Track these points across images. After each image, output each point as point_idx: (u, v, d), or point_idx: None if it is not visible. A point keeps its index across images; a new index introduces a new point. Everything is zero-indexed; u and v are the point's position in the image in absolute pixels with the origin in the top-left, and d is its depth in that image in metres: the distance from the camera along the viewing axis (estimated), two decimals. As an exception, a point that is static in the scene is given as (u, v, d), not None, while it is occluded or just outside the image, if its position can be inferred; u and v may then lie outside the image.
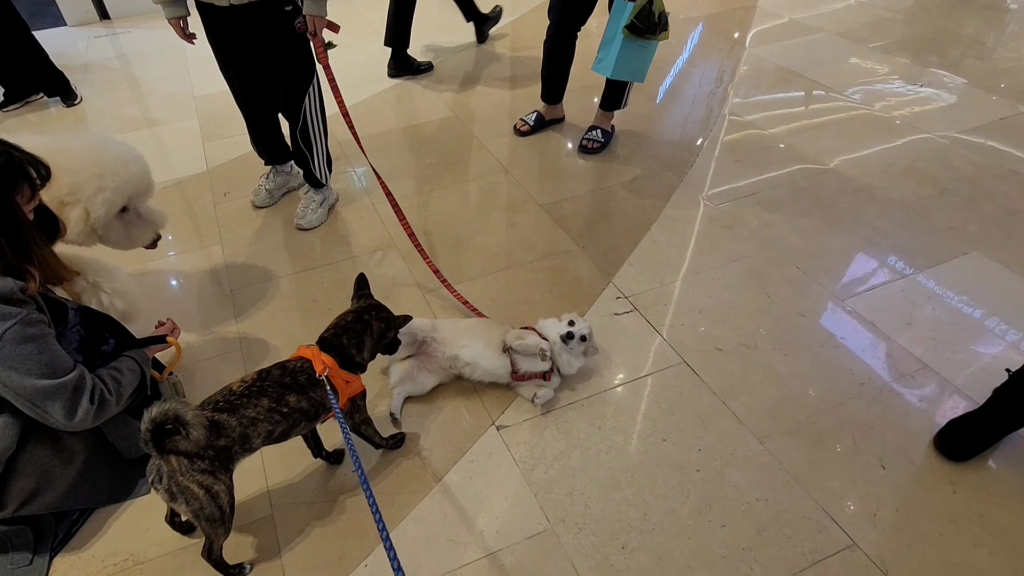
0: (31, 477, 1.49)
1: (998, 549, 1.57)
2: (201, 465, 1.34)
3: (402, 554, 1.59)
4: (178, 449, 1.31)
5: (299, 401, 1.49)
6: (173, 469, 1.32)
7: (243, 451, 1.43)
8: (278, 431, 1.48)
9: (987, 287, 2.31)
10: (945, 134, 3.22)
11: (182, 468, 1.32)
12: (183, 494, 1.34)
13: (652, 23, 2.52)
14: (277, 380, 1.48)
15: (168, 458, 1.32)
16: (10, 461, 1.46)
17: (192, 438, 1.28)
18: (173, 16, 2.16)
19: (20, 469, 1.47)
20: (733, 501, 1.69)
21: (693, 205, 2.78)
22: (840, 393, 1.96)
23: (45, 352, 1.35)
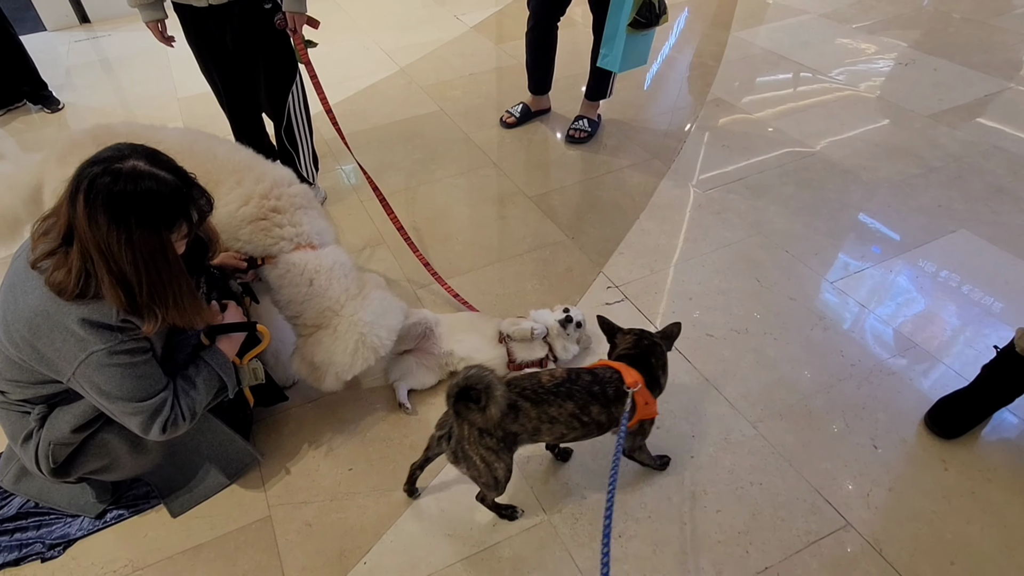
0: (101, 459, 1.53)
1: (990, 524, 1.58)
2: (488, 442, 1.37)
3: (400, 550, 1.61)
4: (470, 419, 1.35)
5: (600, 414, 1.45)
6: (463, 436, 1.37)
7: (529, 441, 1.45)
8: (569, 436, 1.47)
9: (975, 265, 2.32)
10: (930, 112, 3.22)
11: (471, 438, 1.37)
12: (465, 460, 1.40)
13: (654, 15, 2.52)
14: (586, 387, 1.44)
15: (462, 423, 1.37)
16: (85, 442, 1.48)
17: (487, 414, 1.30)
18: (151, 19, 2.13)
19: (91, 451, 1.50)
20: (728, 486, 1.69)
21: (681, 192, 2.78)
22: (831, 375, 1.96)
23: (129, 378, 1.32)
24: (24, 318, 1.26)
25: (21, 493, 1.73)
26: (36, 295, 1.25)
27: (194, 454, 1.68)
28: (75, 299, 1.24)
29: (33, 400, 1.41)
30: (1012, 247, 2.37)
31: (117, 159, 1.19)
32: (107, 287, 1.23)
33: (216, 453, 1.71)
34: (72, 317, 1.24)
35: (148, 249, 1.21)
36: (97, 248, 1.19)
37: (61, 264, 1.23)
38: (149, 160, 1.22)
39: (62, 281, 1.22)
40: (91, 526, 1.68)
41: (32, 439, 1.44)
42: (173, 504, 1.70)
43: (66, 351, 1.27)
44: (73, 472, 1.51)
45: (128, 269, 1.21)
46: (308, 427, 1.91)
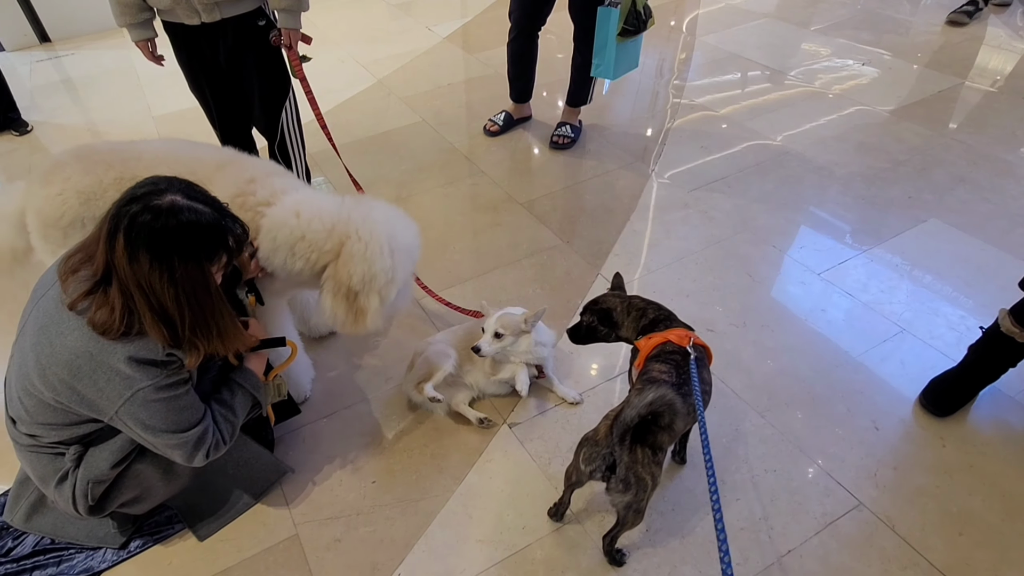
0: (135, 489, 1.47)
1: (990, 495, 1.66)
2: (660, 457, 1.34)
3: (433, 558, 1.60)
4: (655, 441, 1.31)
5: (709, 375, 1.52)
6: (636, 460, 1.30)
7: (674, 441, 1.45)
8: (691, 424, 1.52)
9: (948, 251, 2.42)
10: (890, 109, 3.35)
11: (645, 460, 1.31)
12: (637, 484, 1.32)
13: (641, 21, 2.56)
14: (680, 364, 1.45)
15: (635, 448, 1.30)
16: (119, 475, 1.42)
17: (676, 429, 1.32)
18: (141, 39, 2.07)
19: (126, 483, 1.45)
20: (744, 475, 1.73)
21: (668, 193, 2.83)
22: (828, 362, 2.03)
23: (173, 411, 1.29)
24: (63, 360, 1.21)
25: (34, 531, 1.66)
26: (75, 336, 1.21)
27: (219, 475, 1.64)
28: (120, 337, 1.20)
29: (67, 441, 1.36)
30: (980, 233, 2.49)
31: (155, 194, 1.16)
32: (149, 324, 1.19)
33: (242, 472, 1.67)
34: (118, 356, 1.20)
35: (191, 284, 1.19)
36: (138, 286, 1.16)
37: (102, 303, 1.19)
38: (185, 194, 1.19)
39: (106, 321, 1.18)
40: (115, 557, 1.63)
41: (68, 480, 1.38)
42: (200, 529, 1.66)
43: (110, 391, 1.22)
44: (108, 507, 1.46)
45: (171, 305, 1.18)
46: (325, 442, 1.88)
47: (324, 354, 2.15)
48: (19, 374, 1.31)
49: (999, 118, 3.23)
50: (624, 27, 2.54)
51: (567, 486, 1.54)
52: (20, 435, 1.38)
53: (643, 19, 2.58)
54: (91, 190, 1.64)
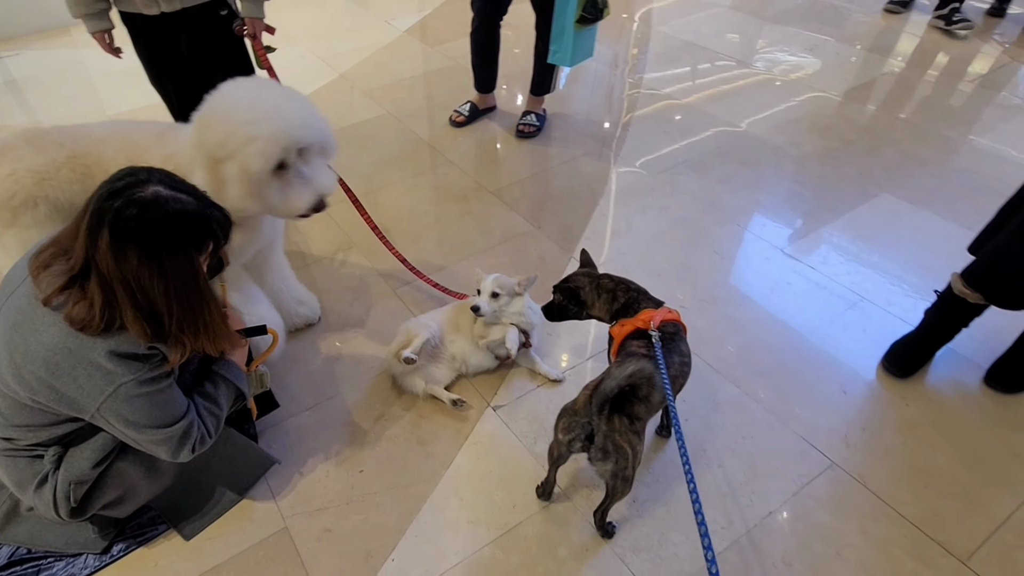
0: (117, 489, 1.41)
1: (952, 448, 1.73)
2: (637, 426, 1.35)
3: (426, 542, 1.58)
4: (632, 411, 1.34)
5: (685, 347, 1.54)
6: (613, 428, 1.32)
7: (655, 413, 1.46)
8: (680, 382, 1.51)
9: (899, 223, 2.51)
10: (839, 92, 3.45)
11: (622, 428, 1.33)
12: (616, 452, 1.33)
13: (597, 9, 2.56)
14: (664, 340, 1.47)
15: (612, 417, 1.32)
16: (101, 474, 1.36)
17: (653, 401, 1.35)
18: (97, 30, 1.97)
19: (108, 483, 1.38)
20: (723, 443, 1.77)
21: (634, 177, 2.85)
22: (795, 332, 2.08)
23: (157, 406, 1.24)
24: (40, 357, 1.15)
25: (9, 541, 1.58)
26: (52, 332, 1.15)
27: (203, 471, 1.59)
28: (100, 333, 1.14)
29: (46, 443, 1.30)
30: (927, 206, 2.59)
31: (135, 186, 1.10)
32: (130, 320, 1.14)
33: (227, 468, 1.62)
34: (99, 351, 1.15)
35: (180, 277, 1.14)
36: (123, 282, 1.10)
37: (79, 299, 1.13)
38: (167, 184, 1.14)
39: (84, 316, 1.13)
40: (97, 562, 1.56)
41: (48, 483, 1.32)
42: (185, 528, 1.60)
43: (90, 387, 1.17)
44: (91, 509, 1.39)
45: (159, 300, 1.14)
46: (309, 434, 1.84)
47: (302, 347, 2.10)
48: None
49: (940, 98, 3.36)
50: (582, 15, 2.54)
51: (551, 463, 1.54)
52: None
53: (600, 8, 2.58)
54: (44, 169, 1.57)
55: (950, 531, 1.55)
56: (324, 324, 2.18)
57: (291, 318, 2.08)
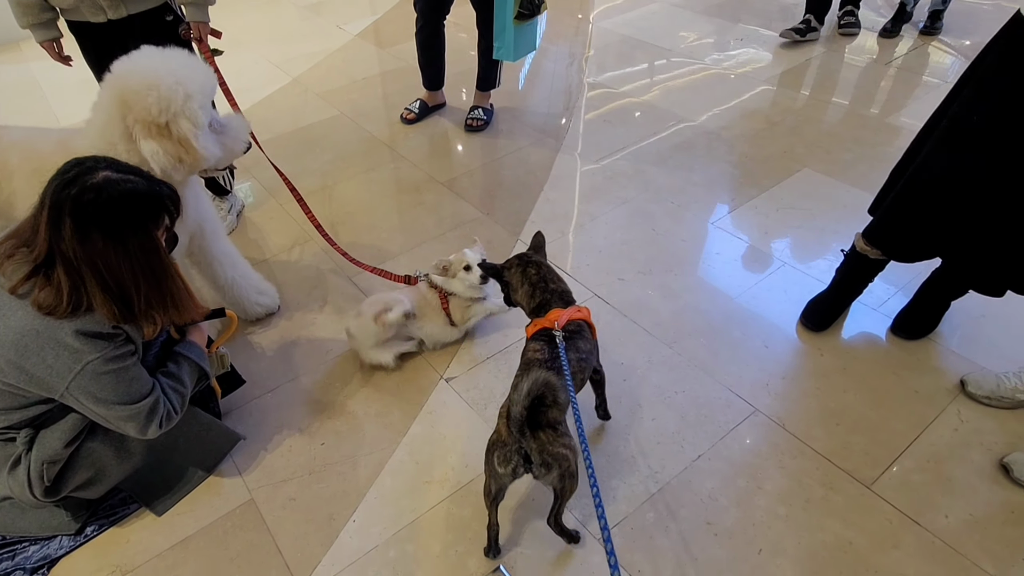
0: (89, 470, 1.47)
1: (860, 390, 1.89)
2: (562, 428, 1.35)
3: (385, 504, 1.67)
4: (549, 419, 1.32)
5: (586, 344, 1.54)
6: (543, 443, 1.31)
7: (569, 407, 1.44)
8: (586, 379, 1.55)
9: (818, 194, 2.68)
10: (765, 77, 3.62)
11: (551, 439, 1.32)
12: (557, 461, 1.32)
13: (535, 5, 2.67)
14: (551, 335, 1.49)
15: (537, 434, 1.31)
16: (72, 454, 1.42)
17: (561, 403, 1.30)
18: (45, 39, 2.01)
19: (80, 462, 1.44)
20: (657, 398, 1.89)
21: (576, 164, 2.97)
22: (724, 296, 2.22)
23: (123, 382, 1.31)
24: (9, 341, 1.21)
25: (-18, 529, 1.62)
26: (19, 316, 1.21)
27: (172, 452, 1.65)
28: (66, 316, 1.21)
29: (17, 425, 1.35)
30: (844, 178, 2.76)
31: (86, 173, 1.17)
32: (100, 303, 1.21)
33: (194, 447, 1.68)
34: (66, 331, 1.21)
35: (144, 254, 1.21)
36: (91, 266, 1.17)
37: (45, 285, 1.20)
38: (114, 168, 1.21)
39: (52, 302, 1.19)
40: (72, 543, 1.61)
41: (21, 463, 1.38)
42: (156, 506, 1.67)
43: (59, 366, 1.23)
44: (64, 489, 1.45)
45: (127, 278, 1.21)
46: (272, 414, 1.91)
47: (263, 334, 2.17)
48: None
49: (855, 79, 3.56)
50: (520, 11, 2.65)
51: (489, 503, 1.46)
52: None
53: (536, 3, 2.70)
54: None
55: (856, 461, 1.70)
56: (284, 312, 2.25)
57: (251, 308, 2.15)
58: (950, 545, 1.51)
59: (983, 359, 1.94)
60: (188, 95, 1.51)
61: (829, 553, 1.51)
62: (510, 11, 2.66)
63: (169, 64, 1.53)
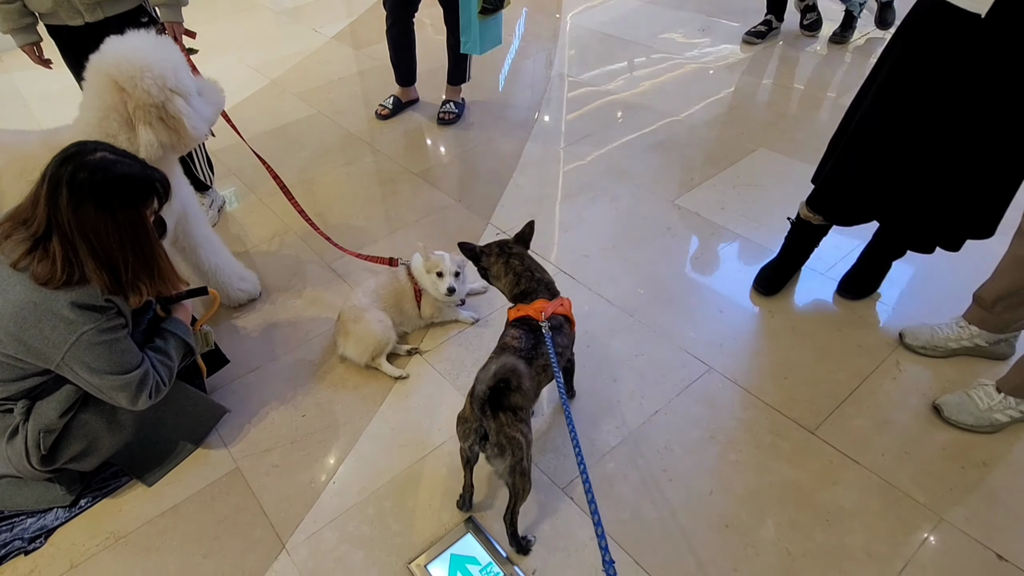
0: (82, 441, 1.54)
1: (806, 347, 2.00)
2: (522, 415, 1.37)
3: (364, 466, 1.76)
4: (511, 403, 1.34)
5: (563, 339, 1.56)
6: (502, 424, 1.34)
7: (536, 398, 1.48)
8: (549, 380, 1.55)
9: (772, 172, 2.80)
10: (726, 64, 3.75)
11: (509, 421, 1.34)
12: (511, 444, 1.34)
13: (497, 1, 2.77)
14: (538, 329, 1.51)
15: (498, 415, 1.33)
16: (67, 425, 1.49)
17: (526, 387, 1.32)
18: (25, 43, 2.08)
19: (74, 433, 1.52)
20: (619, 362, 1.99)
21: (544, 152, 3.08)
22: (681, 265, 2.34)
23: (116, 352, 1.39)
24: (9, 313, 1.29)
25: (-21, 506, 1.69)
26: (18, 290, 1.29)
27: (160, 426, 1.73)
28: (62, 287, 1.29)
29: (15, 396, 1.43)
30: (796, 155, 2.88)
31: (86, 153, 1.27)
32: (92, 271, 1.30)
33: (181, 421, 1.76)
34: (62, 302, 1.30)
35: (131, 228, 1.31)
36: (83, 235, 1.26)
37: (43, 258, 1.28)
38: (111, 150, 1.31)
39: (48, 272, 1.28)
40: (67, 514, 1.68)
41: (19, 433, 1.45)
42: (147, 478, 1.74)
43: (55, 337, 1.31)
44: (59, 458, 1.52)
45: (115, 249, 1.30)
46: (255, 391, 1.99)
47: (245, 318, 2.25)
48: None
49: (812, 65, 3.69)
50: (484, 5, 2.75)
51: (464, 465, 1.55)
52: None
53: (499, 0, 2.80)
54: None
55: (802, 410, 1.81)
56: (265, 298, 2.33)
57: (234, 293, 2.23)
58: (885, 480, 1.62)
59: (920, 314, 2.05)
60: (175, 68, 1.62)
61: (775, 491, 1.62)
62: (474, 7, 2.76)
63: (146, 45, 1.62)
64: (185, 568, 1.57)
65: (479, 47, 2.91)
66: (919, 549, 1.48)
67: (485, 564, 1.51)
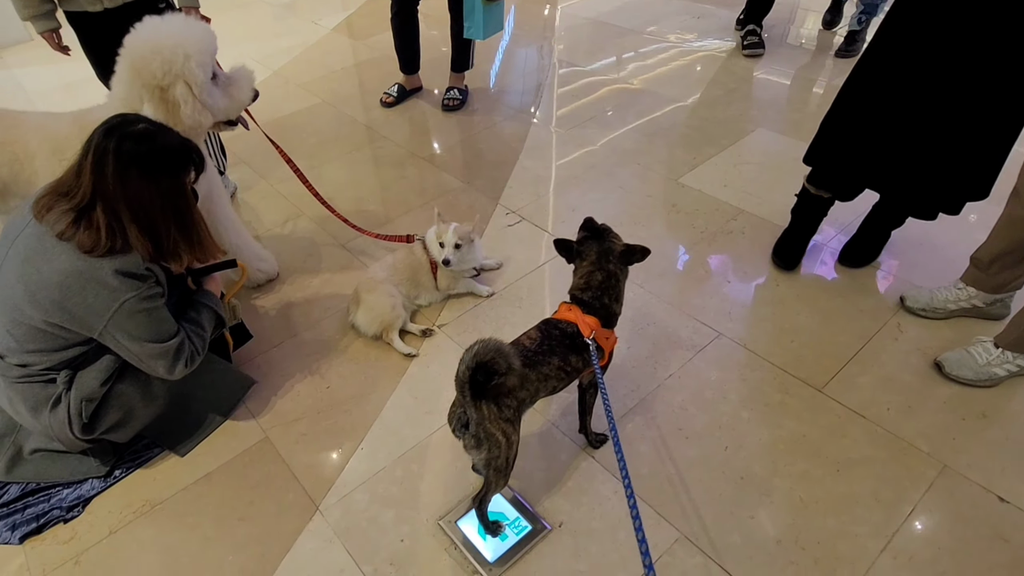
0: (119, 411, 1.58)
1: (811, 312, 2.07)
2: (507, 414, 1.30)
3: (389, 433, 1.82)
4: (497, 392, 1.27)
5: (578, 361, 1.45)
6: (483, 416, 1.27)
7: (530, 404, 1.42)
8: (560, 387, 1.48)
9: (772, 151, 2.87)
10: (720, 51, 3.81)
11: (491, 416, 1.28)
12: (488, 440, 1.29)
13: None
14: (560, 340, 1.43)
15: (479, 404, 1.26)
16: (104, 396, 1.53)
17: (515, 367, 1.22)
18: (45, 30, 2.11)
19: (111, 404, 1.56)
20: (631, 330, 2.06)
21: (548, 134, 3.13)
22: (689, 240, 2.40)
23: (154, 321, 1.44)
24: (54, 282, 1.34)
25: (17, 479, 1.73)
26: (63, 259, 1.33)
27: (191, 400, 1.78)
28: (106, 254, 1.34)
29: (57, 366, 1.47)
30: (794, 135, 2.96)
31: (129, 124, 1.32)
32: (135, 238, 1.35)
33: (211, 394, 1.81)
34: (106, 270, 1.34)
35: (172, 195, 1.36)
36: (127, 203, 1.31)
37: (88, 227, 1.33)
38: (149, 122, 1.36)
39: (93, 240, 1.33)
40: (102, 485, 1.73)
41: (61, 402, 1.50)
42: (179, 448, 1.79)
43: (98, 305, 1.36)
44: (98, 427, 1.57)
45: (158, 216, 1.35)
46: (279, 365, 2.04)
47: (265, 298, 2.30)
48: (3, 308, 1.41)
49: (806, 52, 3.77)
50: (490, -9, 2.81)
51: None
52: (10, 367, 1.47)
53: (503, -17, 2.86)
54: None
55: (809, 370, 1.88)
56: (282, 278, 2.38)
57: (253, 273, 2.27)
58: (891, 432, 1.70)
59: (919, 279, 2.13)
60: (188, 55, 1.65)
61: (786, 445, 1.69)
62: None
63: (169, 28, 1.67)
64: (221, 530, 1.62)
65: (482, 32, 2.96)
66: (925, 494, 1.56)
67: (513, 519, 1.57)
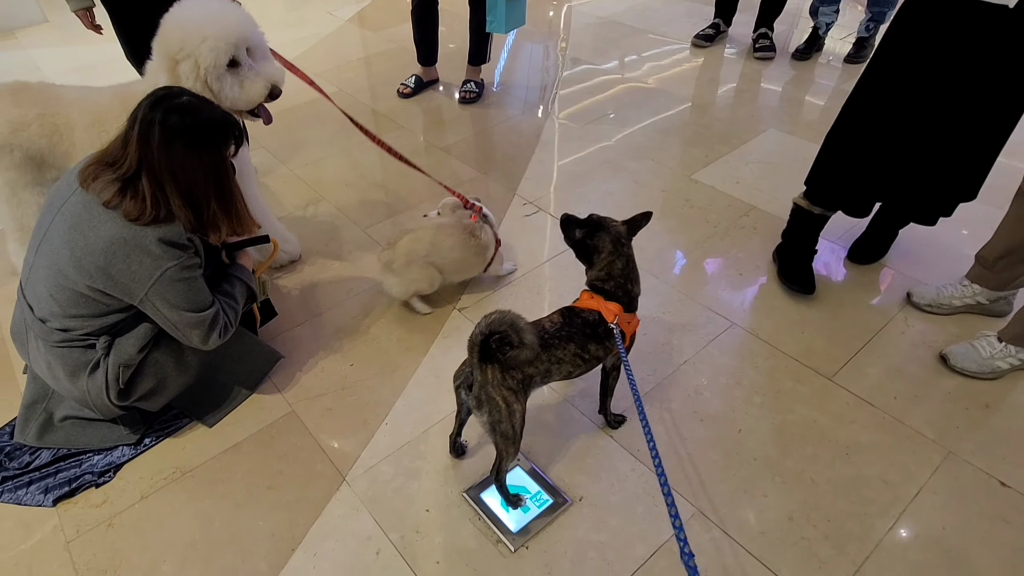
0: (152, 379, 1.63)
1: (822, 305, 2.13)
2: (510, 383, 1.34)
3: (412, 410, 1.87)
4: (507, 360, 1.30)
5: (597, 350, 1.49)
6: (487, 379, 1.32)
7: (540, 383, 1.45)
8: (575, 373, 1.51)
9: (782, 151, 2.94)
10: (729, 52, 3.88)
11: (494, 381, 1.32)
12: (489, 403, 1.34)
13: None
14: (581, 328, 1.46)
15: (485, 368, 1.31)
16: (140, 363, 1.58)
17: (527, 342, 1.25)
18: (79, 8, 2.16)
19: (147, 371, 1.61)
20: (647, 318, 2.11)
21: (563, 129, 3.19)
22: (702, 235, 2.46)
23: (193, 290, 1.49)
24: (100, 248, 1.38)
25: (48, 444, 1.77)
26: (109, 226, 1.38)
27: (219, 372, 1.82)
28: (150, 223, 1.38)
29: (97, 332, 1.52)
30: (805, 136, 3.03)
31: (172, 97, 1.36)
32: (178, 208, 1.39)
33: (238, 368, 1.86)
34: (150, 238, 1.39)
35: (215, 167, 1.41)
36: (171, 173, 1.36)
37: (134, 195, 1.38)
38: (192, 95, 1.40)
39: (139, 209, 1.37)
40: (133, 452, 1.77)
41: (100, 367, 1.54)
42: (207, 419, 1.84)
43: (141, 272, 1.41)
44: (133, 393, 1.62)
45: (199, 188, 1.40)
46: (303, 343, 2.09)
47: (288, 278, 2.34)
48: (48, 273, 1.45)
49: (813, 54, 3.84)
50: (513, -14, 2.86)
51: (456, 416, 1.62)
52: (51, 332, 1.51)
53: (527, -20, 2.91)
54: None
55: (819, 359, 1.94)
56: (305, 259, 2.43)
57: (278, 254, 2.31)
58: (898, 419, 1.76)
59: (925, 276, 2.20)
60: (204, 38, 1.67)
61: (797, 430, 1.75)
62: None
63: (204, 9, 1.71)
64: (251, 497, 1.66)
65: (504, 26, 3.01)
66: (930, 477, 1.62)
67: (535, 492, 1.63)
